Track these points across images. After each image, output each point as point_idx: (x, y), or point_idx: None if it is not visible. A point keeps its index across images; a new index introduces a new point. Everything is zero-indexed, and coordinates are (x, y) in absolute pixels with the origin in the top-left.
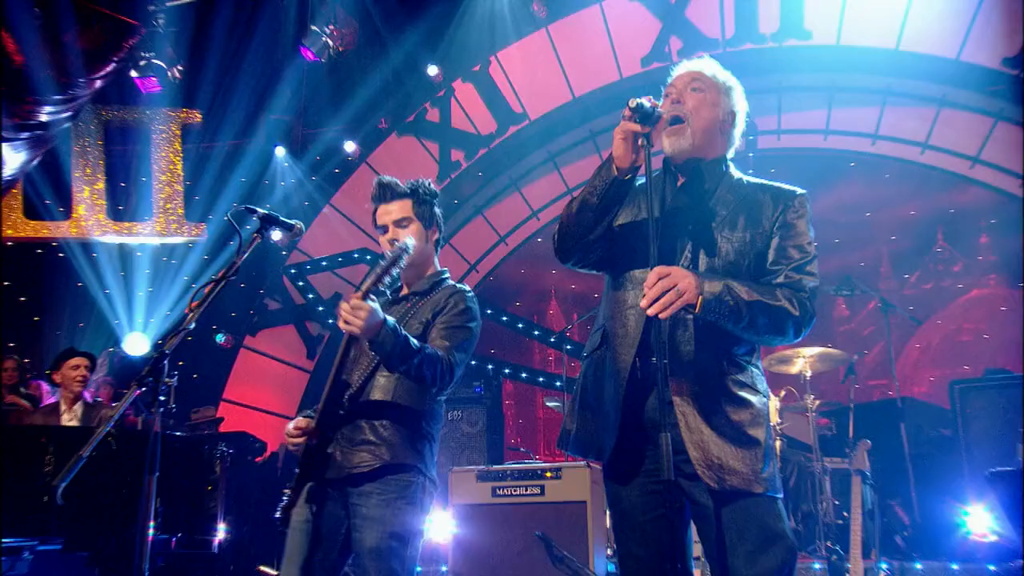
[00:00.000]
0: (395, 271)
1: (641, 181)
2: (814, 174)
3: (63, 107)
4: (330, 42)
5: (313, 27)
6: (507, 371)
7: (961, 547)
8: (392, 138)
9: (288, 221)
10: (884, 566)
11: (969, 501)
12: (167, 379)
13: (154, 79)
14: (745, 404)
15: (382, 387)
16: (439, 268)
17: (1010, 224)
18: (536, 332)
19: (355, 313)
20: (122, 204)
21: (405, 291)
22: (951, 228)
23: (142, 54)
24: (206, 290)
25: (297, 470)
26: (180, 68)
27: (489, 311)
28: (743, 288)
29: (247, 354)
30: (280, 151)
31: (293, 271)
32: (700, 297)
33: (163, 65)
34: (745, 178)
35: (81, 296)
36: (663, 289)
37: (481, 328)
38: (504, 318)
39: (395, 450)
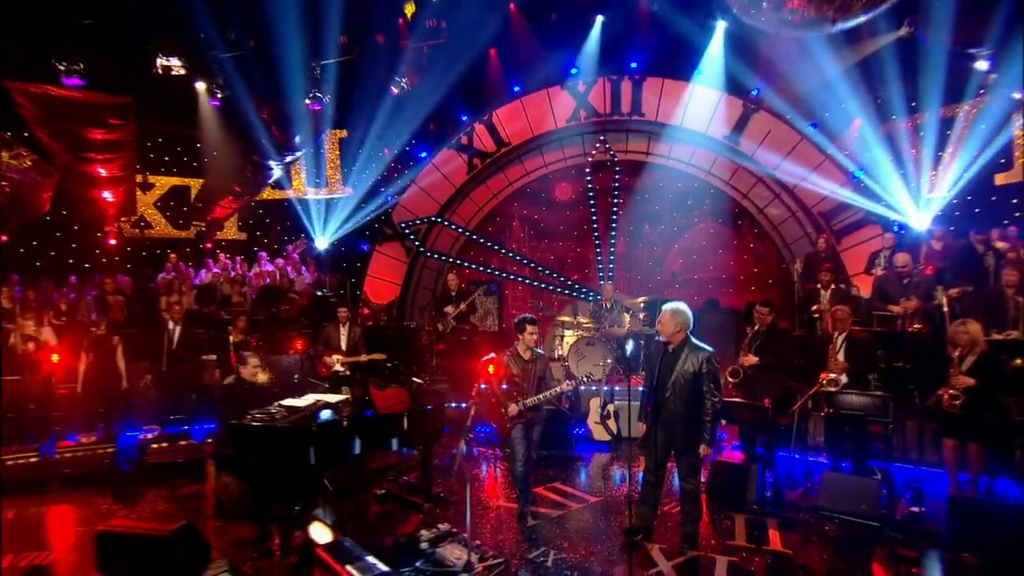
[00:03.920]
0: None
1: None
2: (643, 171)
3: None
4: (404, 85)
5: (396, 77)
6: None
7: None
8: (444, 151)
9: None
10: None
11: None
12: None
13: (319, 106)
14: (698, 424)
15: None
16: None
17: (715, 198)
18: (500, 249)
19: None
20: (314, 178)
21: (528, 356)
22: (695, 196)
23: (314, 93)
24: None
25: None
26: (331, 98)
27: (482, 239)
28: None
29: (377, 255)
30: (386, 151)
31: (401, 224)
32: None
33: (324, 99)
34: (694, 343)
35: (297, 220)
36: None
37: (475, 248)
38: (482, 239)
39: None
